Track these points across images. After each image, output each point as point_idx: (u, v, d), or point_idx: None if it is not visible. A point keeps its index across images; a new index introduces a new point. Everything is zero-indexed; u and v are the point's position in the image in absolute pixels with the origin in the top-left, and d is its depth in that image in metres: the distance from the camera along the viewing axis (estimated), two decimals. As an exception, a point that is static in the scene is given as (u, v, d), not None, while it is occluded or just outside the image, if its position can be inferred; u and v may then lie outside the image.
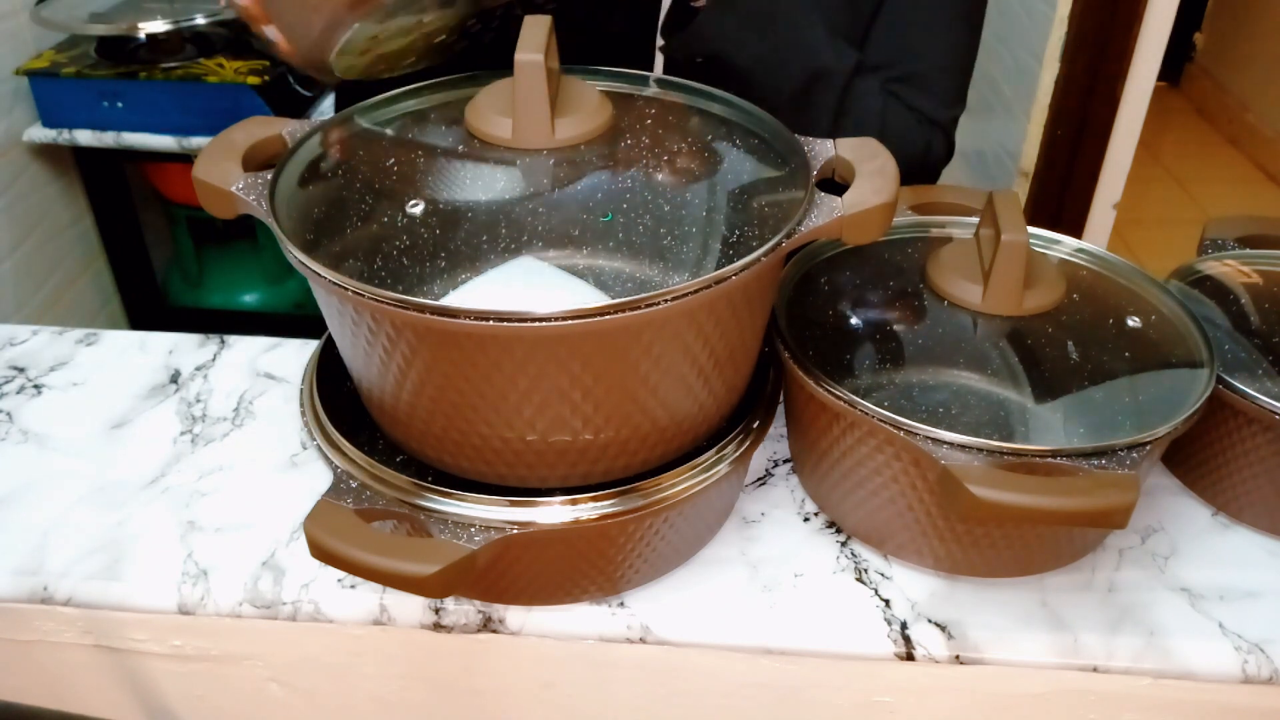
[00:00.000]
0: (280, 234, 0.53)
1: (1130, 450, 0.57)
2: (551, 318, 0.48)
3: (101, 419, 0.78)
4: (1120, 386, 0.62)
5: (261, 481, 0.72)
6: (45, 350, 0.85)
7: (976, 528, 0.62)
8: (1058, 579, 0.66)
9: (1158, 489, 0.73)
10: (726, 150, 0.63)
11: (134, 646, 0.68)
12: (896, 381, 0.62)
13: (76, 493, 0.71)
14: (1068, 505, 0.53)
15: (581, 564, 0.60)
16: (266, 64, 1.56)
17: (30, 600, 0.65)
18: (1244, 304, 0.73)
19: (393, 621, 0.64)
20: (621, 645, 0.64)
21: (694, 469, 0.59)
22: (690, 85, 0.67)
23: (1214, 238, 0.81)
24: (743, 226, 0.56)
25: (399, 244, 0.54)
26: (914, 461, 0.59)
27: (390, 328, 0.52)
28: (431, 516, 0.55)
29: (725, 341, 0.56)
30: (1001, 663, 0.62)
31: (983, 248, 0.67)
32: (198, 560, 0.66)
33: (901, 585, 0.65)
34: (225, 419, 0.78)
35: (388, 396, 0.57)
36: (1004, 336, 0.65)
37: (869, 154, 0.59)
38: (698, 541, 0.66)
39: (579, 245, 0.54)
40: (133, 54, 1.59)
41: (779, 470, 0.73)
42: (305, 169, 0.60)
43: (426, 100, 0.65)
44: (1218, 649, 0.61)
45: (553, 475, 0.57)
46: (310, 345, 0.83)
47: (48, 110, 1.59)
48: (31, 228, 1.68)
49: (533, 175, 0.58)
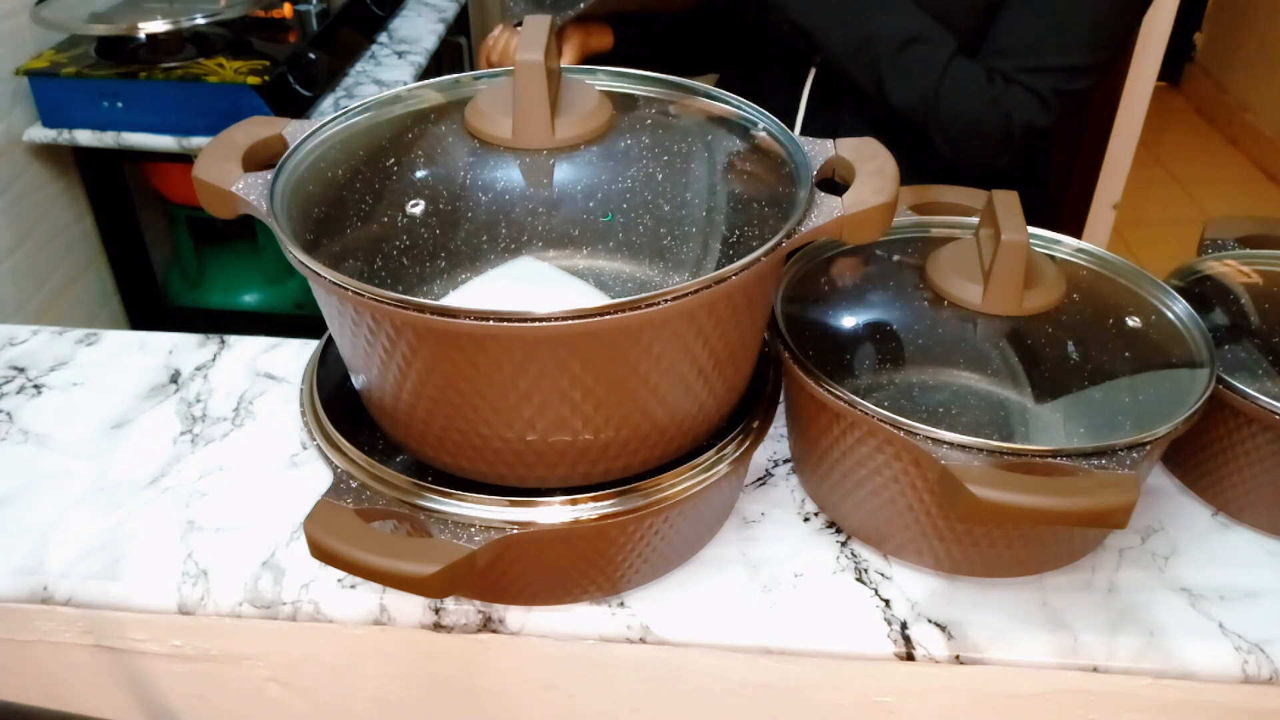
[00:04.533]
0: (280, 234, 0.53)
1: (1130, 450, 0.57)
2: (551, 318, 0.48)
3: (101, 419, 0.78)
4: (1120, 386, 0.62)
5: (261, 481, 0.72)
6: (45, 350, 0.85)
7: (976, 528, 0.62)
8: (1058, 579, 0.66)
9: (1158, 489, 0.73)
10: (726, 150, 0.63)
11: (134, 646, 0.68)
12: (896, 381, 0.62)
13: (76, 493, 0.71)
14: (1068, 505, 0.53)
15: (581, 564, 0.60)
16: (266, 64, 1.56)
17: (30, 600, 0.65)
18: (1244, 304, 0.73)
19: (393, 621, 0.64)
20: (621, 645, 0.64)
21: (694, 469, 0.59)
22: (690, 85, 0.67)
23: (1214, 238, 0.81)
24: (743, 226, 0.56)
25: (399, 244, 0.54)
26: (914, 461, 0.59)
27: (390, 328, 0.52)
28: (431, 516, 0.55)
29: (725, 341, 0.56)
30: (1001, 663, 0.62)
31: (983, 248, 0.67)
32: (198, 560, 0.66)
33: (901, 585, 0.65)
34: (225, 419, 0.78)
35: (388, 396, 0.57)
36: (1004, 336, 0.65)
37: (869, 154, 0.59)
38: (698, 541, 0.66)
39: (579, 245, 0.54)
40: (133, 54, 1.59)
41: (779, 470, 0.73)
42: (305, 169, 0.60)
43: (426, 100, 0.65)
44: (1218, 649, 0.61)
45: (553, 475, 0.57)
46: (310, 345, 0.83)
47: (48, 110, 1.59)
48: (31, 228, 1.68)
49: (533, 175, 0.58)
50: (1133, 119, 1.84)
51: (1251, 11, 3.13)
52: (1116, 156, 1.89)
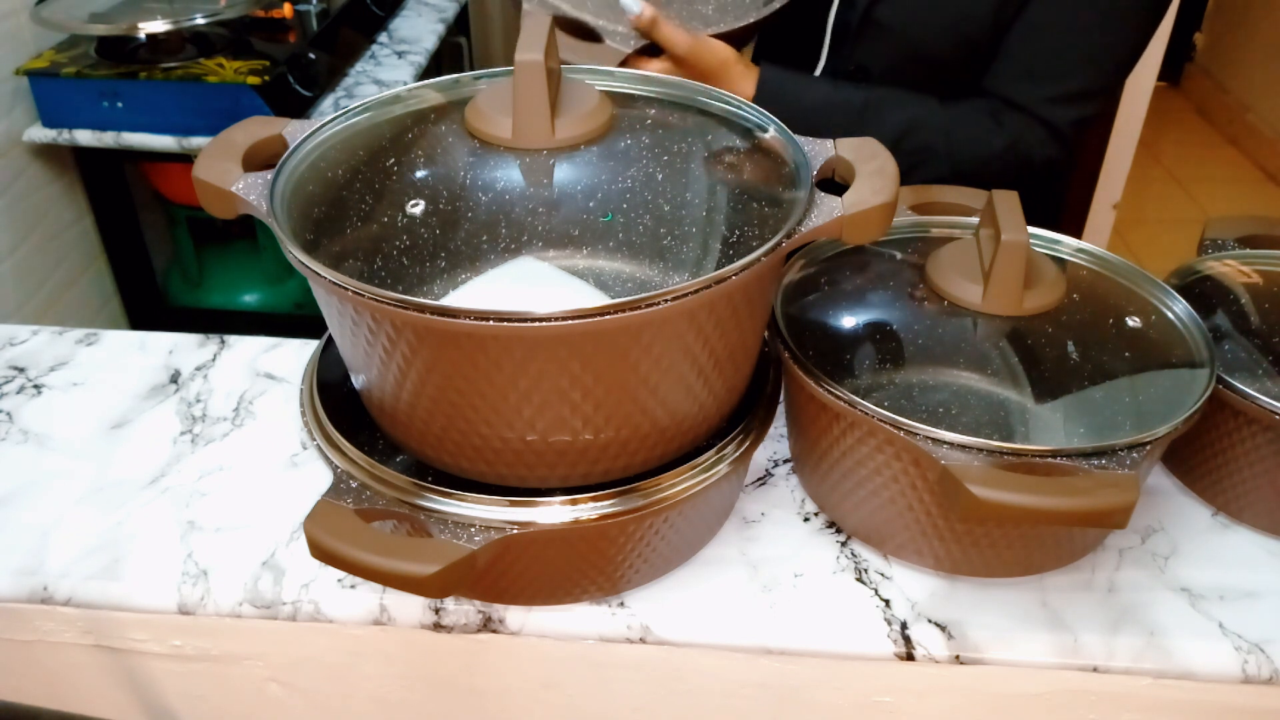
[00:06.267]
0: (280, 234, 0.53)
1: (1130, 450, 0.57)
2: (551, 318, 0.48)
3: (101, 419, 0.78)
4: (1120, 386, 0.62)
5: (261, 481, 0.72)
6: (45, 350, 0.85)
7: (976, 528, 0.62)
8: (1058, 579, 0.66)
9: (1158, 489, 0.73)
10: (726, 150, 0.63)
11: (134, 646, 0.68)
12: (896, 381, 0.62)
13: (76, 493, 0.71)
14: (1068, 505, 0.53)
15: (581, 564, 0.60)
16: (266, 64, 1.56)
17: (30, 600, 0.65)
18: (1244, 304, 0.73)
19: (393, 621, 0.64)
20: (621, 645, 0.64)
21: (694, 469, 0.59)
22: (690, 85, 0.67)
23: (1214, 238, 0.81)
24: (743, 226, 0.56)
25: (399, 244, 0.54)
26: (914, 461, 0.59)
27: (390, 328, 0.52)
28: (431, 516, 0.55)
29: (725, 341, 0.56)
30: (1001, 663, 0.62)
31: (983, 248, 0.67)
32: (198, 560, 0.66)
33: (901, 585, 0.65)
34: (225, 419, 0.78)
35: (388, 396, 0.57)
36: (1004, 336, 0.65)
37: (869, 154, 0.59)
38: (698, 541, 0.66)
39: (579, 245, 0.54)
40: (133, 54, 1.59)
41: (779, 470, 0.73)
42: (305, 169, 0.60)
43: (426, 100, 0.65)
44: (1218, 649, 0.61)
45: (553, 475, 0.57)
46: (310, 345, 0.83)
47: (48, 110, 1.59)
48: (31, 228, 1.68)
49: (533, 175, 0.58)
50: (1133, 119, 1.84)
51: (1251, 11, 3.13)
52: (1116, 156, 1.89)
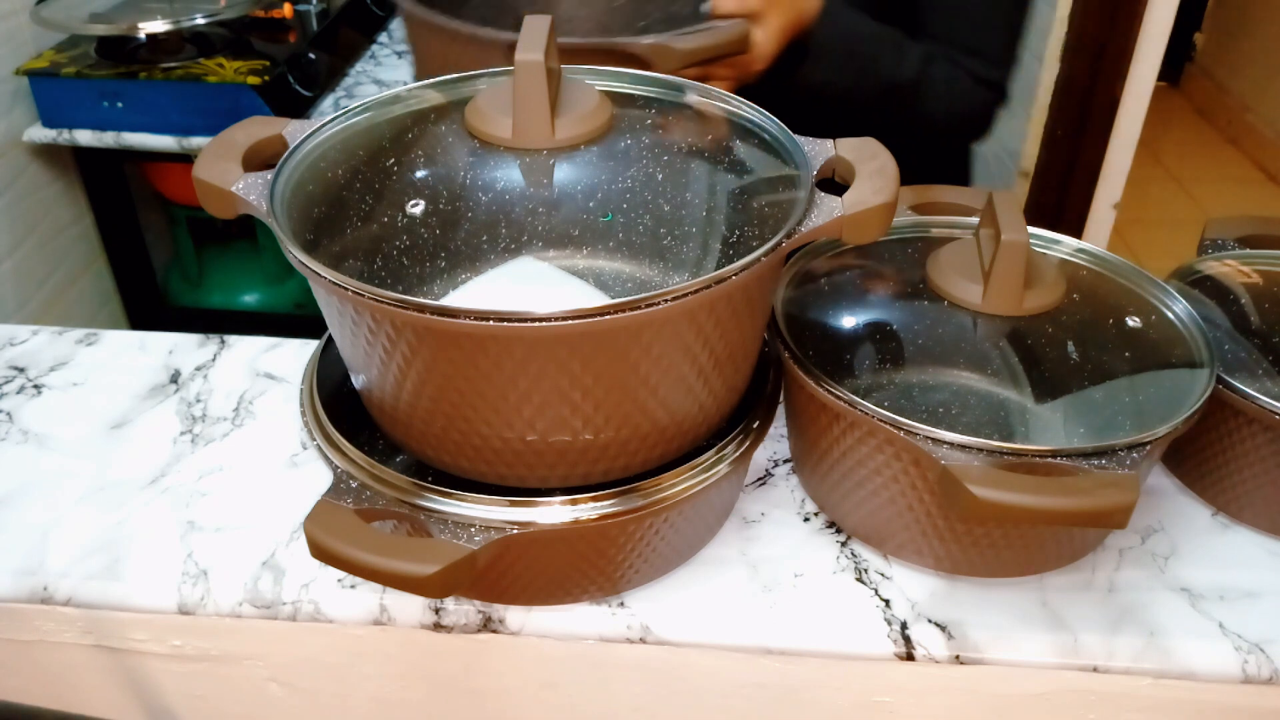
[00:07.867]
0: (280, 234, 0.53)
1: (1130, 450, 0.57)
2: (551, 318, 0.48)
3: (101, 419, 0.78)
4: (1120, 386, 0.62)
5: (261, 481, 0.72)
6: (45, 350, 0.85)
7: (976, 528, 0.62)
8: (1058, 579, 0.66)
9: (1158, 489, 0.73)
10: (726, 150, 0.63)
11: (134, 646, 0.68)
12: (896, 381, 0.62)
13: (76, 493, 0.71)
14: (1068, 505, 0.53)
15: (581, 564, 0.60)
16: (266, 64, 1.56)
17: (30, 600, 0.65)
18: (1244, 304, 0.73)
19: (393, 621, 0.64)
20: (621, 645, 0.64)
21: (694, 469, 0.59)
22: (690, 84, 0.67)
23: (1214, 238, 0.81)
24: (743, 226, 0.56)
25: (399, 244, 0.54)
26: (914, 461, 0.59)
27: (390, 328, 0.52)
28: (431, 516, 0.55)
29: (725, 341, 0.56)
30: (1001, 663, 0.62)
31: (983, 248, 0.67)
32: (198, 560, 0.66)
33: (901, 585, 0.65)
34: (225, 419, 0.78)
35: (388, 396, 0.57)
36: (1004, 336, 0.65)
37: (869, 154, 0.59)
38: (698, 541, 0.66)
39: (579, 245, 0.54)
40: (133, 54, 1.59)
41: (779, 470, 0.73)
42: (305, 169, 0.59)
43: (426, 100, 0.65)
44: (1218, 649, 0.61)
45: (553, 475, 0.57)
46: (310, 345, 0.83)
47: (48, 110, 1.59)
48: (31, 228, 1.68)
49: (533, 175, 0.58)
50: (1133, 119, 1.83)
51: (1251, 11, 3.13)
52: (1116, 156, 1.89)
